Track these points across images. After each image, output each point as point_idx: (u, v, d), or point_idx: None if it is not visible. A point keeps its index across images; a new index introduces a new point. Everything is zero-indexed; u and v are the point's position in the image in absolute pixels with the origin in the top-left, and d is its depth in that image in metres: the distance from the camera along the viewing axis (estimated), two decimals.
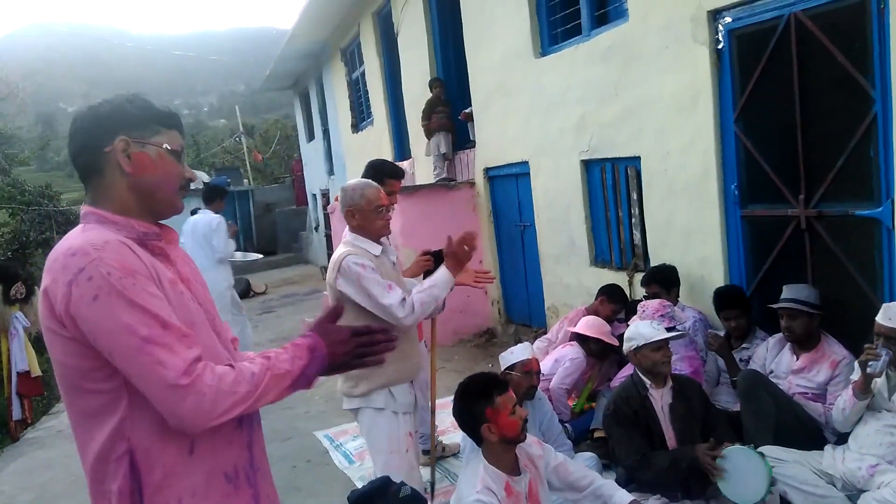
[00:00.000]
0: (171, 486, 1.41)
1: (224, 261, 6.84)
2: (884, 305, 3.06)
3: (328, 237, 14.15)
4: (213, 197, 7.05)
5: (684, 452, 3.17)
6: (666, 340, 3.28)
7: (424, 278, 4.14)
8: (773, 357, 3.82)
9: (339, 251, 2.99)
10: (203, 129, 51.85)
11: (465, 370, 6.40)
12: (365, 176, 3.79)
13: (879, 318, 3.00)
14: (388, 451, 2.93)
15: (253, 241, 20.58)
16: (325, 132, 14.89)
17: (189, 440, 1.42)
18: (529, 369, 3.42)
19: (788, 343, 3.72)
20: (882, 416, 3.05)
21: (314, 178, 17.12)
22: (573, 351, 4.46)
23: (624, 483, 3.28)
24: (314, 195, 17.17)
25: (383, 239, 3.12)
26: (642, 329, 3.32)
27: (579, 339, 4.49)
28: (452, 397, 2.69)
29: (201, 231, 6.70)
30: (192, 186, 1.71)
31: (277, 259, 18.43)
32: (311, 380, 1.49)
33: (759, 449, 3.23)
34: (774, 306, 3.63)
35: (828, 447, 3.27)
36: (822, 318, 3.59)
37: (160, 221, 1.57)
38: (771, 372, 3.75)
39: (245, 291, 12.35)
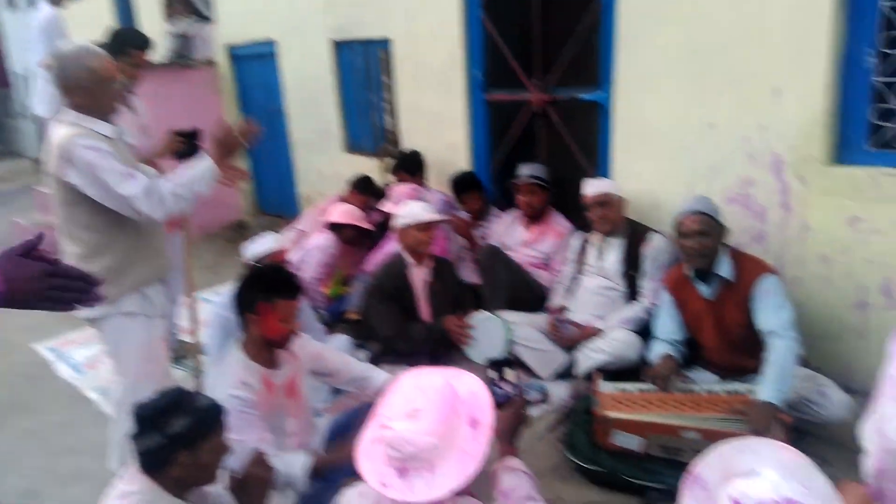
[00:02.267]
0: None
1: None
2: (589, 180, 3.43)
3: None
4: None
5: (437, 324, 3.39)
6: (433, 222, 3.36)
7: (178, 159, 3.68)
8: (507, 230, 4.12)
9: (60, 133, 2.42)
10: None
11: (216, 266, 6.05)
12: (105, 45, 3.16)
13: (585, 191, 3.38)
14: (142, 360, 2.61)
15: None
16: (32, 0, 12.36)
17: None
18: (278, 259, 3.27)
19: (520, 218, 4.04)
20: (594, 279, 3.47)
21: (21, 54, 14.31)
22: (322, 239, 4.38)
23: (377, 358, 3.41)
24: (22, 75, 14.42)
25: (116, 117, 2.62)
26: (413, 208, 3.37)
27: (333, 227, 4.42)
28: (202, 294, 2.42)
29: None
30: None
31: None
32: None
33: (496, 314, 3.53)
34: (518, 181, 3.87)
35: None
36: (549, 196, 3.93)
37: None
38: (505, 244, 4.05)
39: None
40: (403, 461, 1.42)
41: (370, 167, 5.27)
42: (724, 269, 2.69)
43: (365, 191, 4.85)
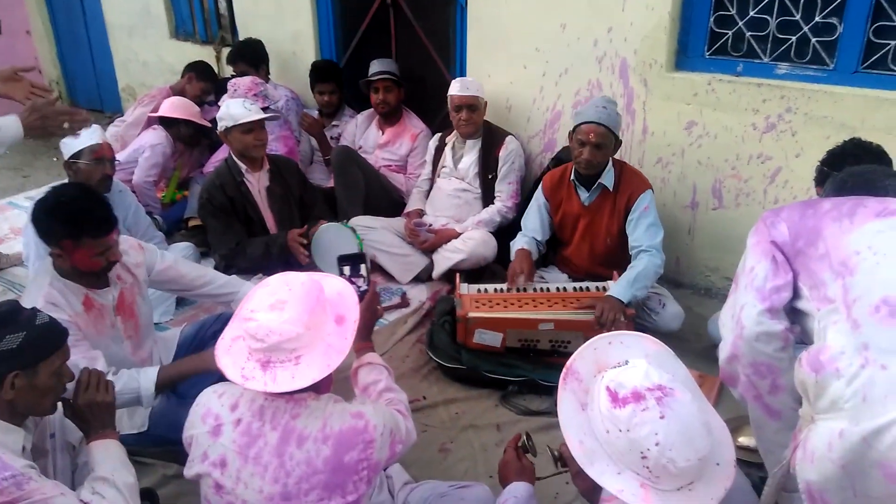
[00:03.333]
0: None
1: None
2: (457, 80, 3.34)
3: None
4: None
5: (276, 238, 3.15)
6: (258, 122, 3.07)
7: None
8: (361, 133, 3.97)
9: None
10: None
11: (25, 167, 5.32)
12: None
13: (453, 91, 3.29)
14: None
15: None
16: None
17: None
18: (101, 156, 2.86)
19: (375, 119, 3.89)
20: (452, 182, 3.47)
21: None
22: (154, 136, 3.95)
23: (224, 269, 3.18)
24: None
25: None
26: (233, 109, 3.03)
27: (164, 122, 3.98)
28: (11, 199, 2.06)
29: None
30: None
31: None
32: None
33: (352, 220, 3.43)
34: (373, 78, 3.68)
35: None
36: (403, 93, 3.80)
37: None
38: (360, 147, 3.91)
39: None
40: (267, 352, 1.37)
41: (202, 56, 4.75)
42: (608, 178, 2.73)
43: (203, 77, 4.39)
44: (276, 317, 1.36)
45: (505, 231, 3.33)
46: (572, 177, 2.82)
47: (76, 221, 1.96)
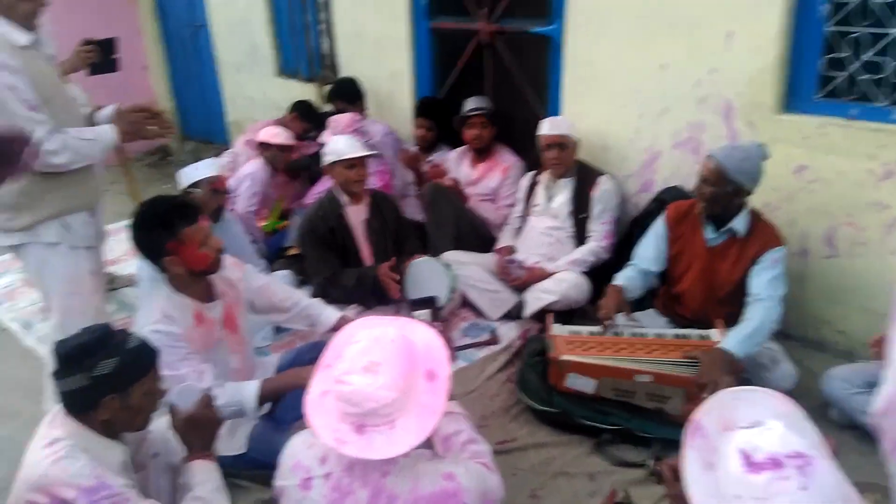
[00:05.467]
0: None
1: None
2: (546, 120, 3.35)
3: None
4: None
5: (369, 271, 3.22)
6: (360, 158, 3.18)
7: (92, 73, 3.36)
8: (455, 169, 4.03)
9: None
10: None
11: (141, 192, 5.70)
12: None
13: (542, 131, 3.30)
14: (66, 293, 2.44)
15: None
16: None
17: None
18: (218, 187, 3.04)
19: (468, 156, 3.95)
20: (543, 220, 3.46)
21: None
22: (253, 166, 4.15)
23: (320, 297, 3.28)
24: None
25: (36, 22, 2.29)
26: (338, 145, 3.16)
27: (262, 149, 4.16)
28: (128, 223, 2.22)
29: None
30: None
31: None
32: None
33: (444, 255, 3.48)
34: (471, 113, 3.75)
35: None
36: (496, 130, 3.84)
37: None
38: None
39: None
40: (362, 417, 1.37)
41: (305, 93, 5.00)
42: (740, 223, 2.58)
43: (305, 116, 4.60)
44: (371, 382, 1.35)
45: (598, 271, 3.28)
46: (701, 212, 2.66)
47: (164, 218, 2.07)
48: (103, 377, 1.56)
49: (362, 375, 1.37)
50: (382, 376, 1.36)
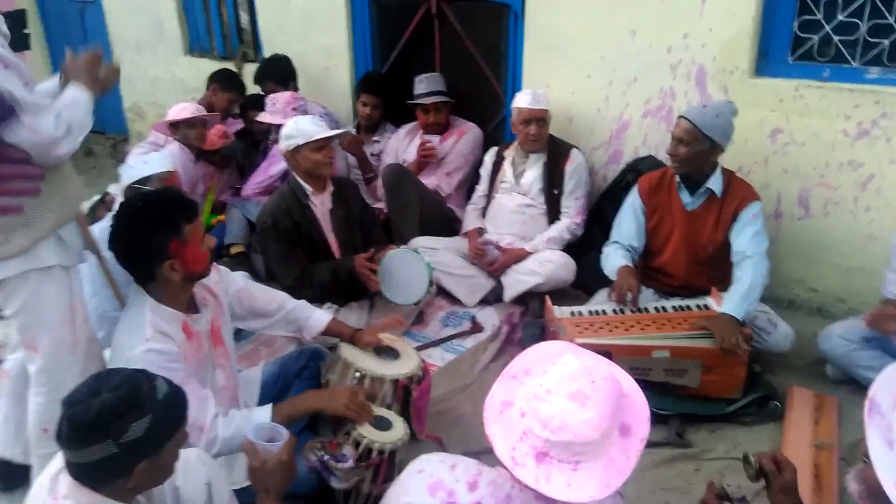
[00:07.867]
0: None
1: None
2: (525, 92, 3.19)
3: None
4: None
5: (343, 264, 2.94)
6: (329, 138, 2.87)
7: None
8: (405, 148, 3.79)
9: None
10: None
11: None
12: None
13: (521, 104, 3.13)
14: (57, 325, 1.93)
15: None
16: None
17: None
18: (172, 184, 2.61)
19: (419, 133, 3.72)
20: (514, 198, 3.31)
21: None
22: (166, 152, 3.59)
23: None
24: None
25: None
26: (303, 125, 2.82)
27: (173, 130, 3.62)
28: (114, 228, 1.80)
29: None
30: None
31: None
32: None
33: (413, 241, 3.26)
34: (427, 102, 3.52)
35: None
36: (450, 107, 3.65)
37: None
38: (403, 161, 3.72)
39: None
40: (550, 446, 1.18)
41: None
42: (715, 183, 2.58)
43: (227, 85, 4.16)
44: (576, 412, 1.16)
45: (570, 248, 3.19)
46: (677, 178, 2.66)
47: (167, 215, 1.76)
48: (134, 442, 1.25)
49: (568, 401, 1.17)
50: (589, 412, 1.17)
